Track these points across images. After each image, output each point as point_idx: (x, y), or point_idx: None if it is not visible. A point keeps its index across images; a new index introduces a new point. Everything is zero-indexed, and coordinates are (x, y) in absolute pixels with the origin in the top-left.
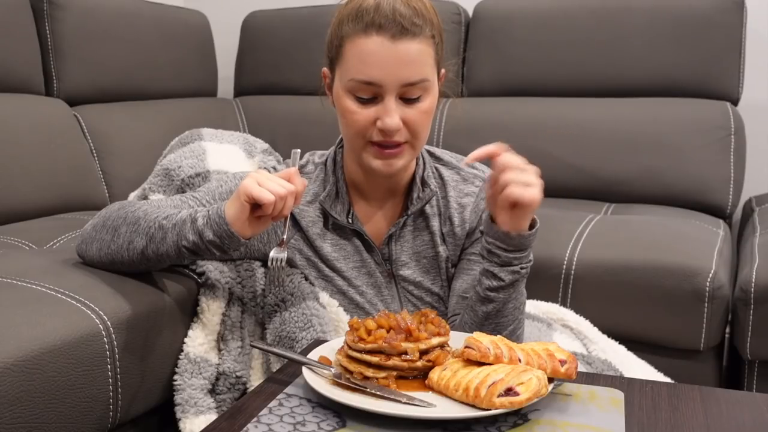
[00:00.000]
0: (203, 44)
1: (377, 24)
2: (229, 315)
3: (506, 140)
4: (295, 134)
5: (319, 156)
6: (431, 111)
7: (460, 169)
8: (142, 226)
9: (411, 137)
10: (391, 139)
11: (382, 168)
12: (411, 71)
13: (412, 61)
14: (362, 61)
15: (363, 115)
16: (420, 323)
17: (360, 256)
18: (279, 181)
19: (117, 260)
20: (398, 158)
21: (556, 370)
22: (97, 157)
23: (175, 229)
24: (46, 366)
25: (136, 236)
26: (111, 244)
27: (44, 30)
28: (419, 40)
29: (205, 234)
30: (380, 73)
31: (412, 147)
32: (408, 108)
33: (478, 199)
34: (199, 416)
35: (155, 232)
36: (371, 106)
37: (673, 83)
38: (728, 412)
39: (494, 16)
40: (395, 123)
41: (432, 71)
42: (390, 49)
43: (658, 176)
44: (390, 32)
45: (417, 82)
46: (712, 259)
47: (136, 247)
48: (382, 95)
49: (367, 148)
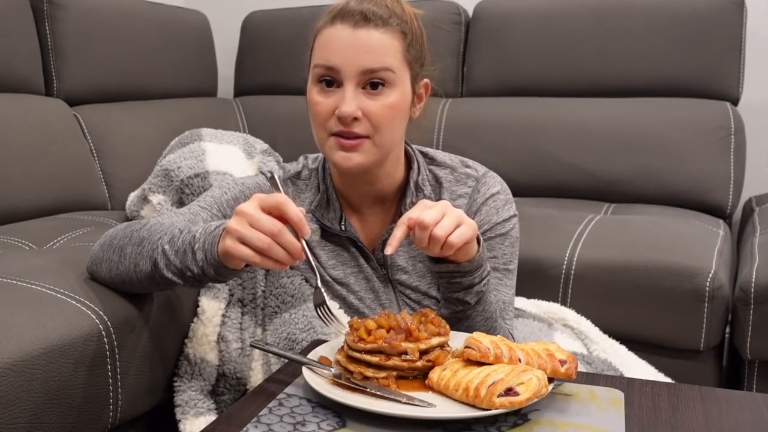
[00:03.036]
0: (203, 44)
1: (342, 14)
2: (229, 316)
3: (506, 140)
4: (295, 134)
5: (312, 160)
6: (398, 108)
7: (455, 169)
8: (146, 248)
9: (373, 131)
10: (348, 129)
11: (341, 161)
12: (370, 58)
13: (372, 49)
14: (324, 47)
15: (324, 105)
16: (420, 323)
17: (356, 262)
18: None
19: (127, 281)
20: (358, 152)
21: (556, 370)
22: (97, 157)
23: (177, 256)
24: (46, 366)
25: (140, 258)
26: (119, 265)
27: (44, 30)
28: (383, 31)
29: (206, 269)
30: (339, 57)
31: (374, 144)
32: (369, 99)
33: (470, 201)
34: (199, 417)
35: (159, 258)
36: (332, 95)
37: (673, 83)
38: (728, 412)
39: (494, 16)
40: (351, 109)
41: (399, 65)
42: (350, 35)
43: (658, 176)
44: (352, 20)
45: (376, 69)
46: (712, 259)
47: (142, 270)
48: (341, 82)
49: (329, 141)
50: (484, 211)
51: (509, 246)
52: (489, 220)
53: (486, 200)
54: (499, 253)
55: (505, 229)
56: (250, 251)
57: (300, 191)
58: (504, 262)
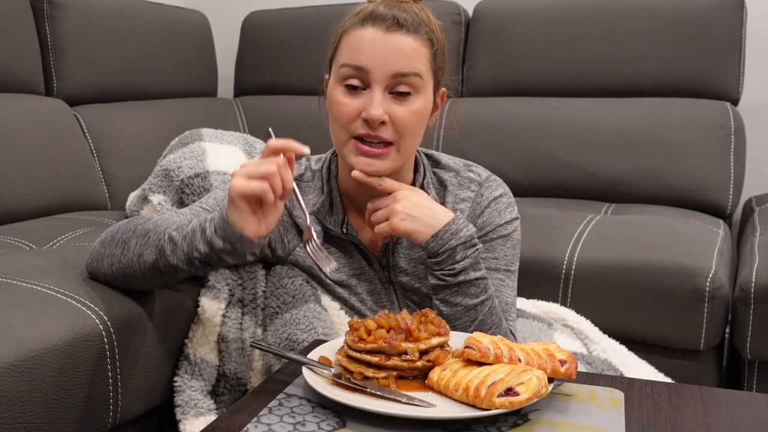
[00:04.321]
0: (203, 44)
1: (373, 17)
2: (229, 316)
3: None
4: (295, 134)
5: (315, 162)
6: (422, 115)
7: (458, 173)
8: (152, 238)
9: (397, 137)
10: (374, 132)
11: (363, 166)
12: (401, 62)
13: (404, 53)
14: (354, 48)
15: (349, 106)
16: (420, 323)
17: (358, 265)
18: (263, 164)
19: (129, 274)
20: (381, 160)
21: (556, 370)
22: (97, 157)
23: (185, 240)
24: (46, 366)
25: (145, 249)
26: (122, 258)
27: (44, 30)
28: (414, 38)
29: (215, 243)
30: (370, 59)
31: (397, 150)
32: (396, 104)
33: (474, 204)
34: (199, 418)
35: (165, 245)
36: (359, 98)
37: (673, 83)
38: (728, 412)
39: (494, 16)
40: (379, 113)
41: (426, 73)
42: (382, 38)
43: (658, 176)
44: (385, 24)
45: (407, 73)
46: (712, 259)
47: (146, 260)
48: (370, 84)
49: (350, 144)
50: (486, 214)
51: (511, 248)
52: (491, 222)
53: (489, 203)
54: (501, 255)
55: (506, 231)
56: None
57: (303, 193)
58: (505, 263)
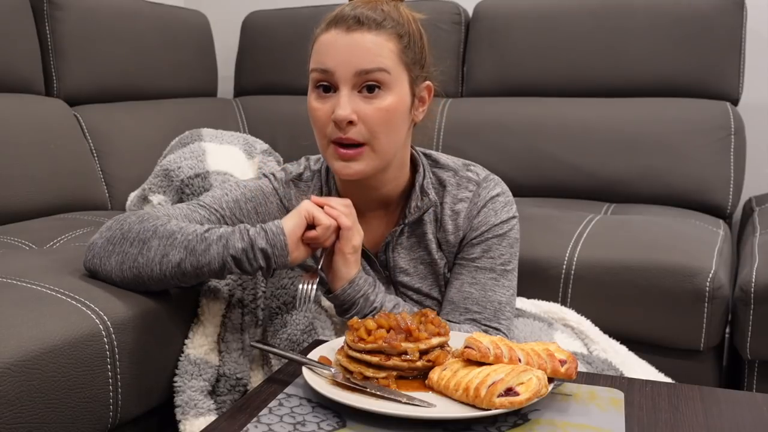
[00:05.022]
0: (203, 44)
1: (336, 20)
2: (229, 317)
3: (506, 140)
4: (295, 134)
5: (314, 161)
6: (394, 111)
7: (457, 173)
8: (179, 239)
9: (369, 136)
10: (345, 135)
11: (341, 170)
12: (363, 59)
13: (366, 50)
14: (319, 52)
15: (321, 110)
16: (420, 323)
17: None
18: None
19: (145, 275)
20: (357, 161)
21: (556, 370)
22: (97, 157)
23: (221, 240)
24: (46, 366)
25: (171, 249)
26: (139, 258)
27: (44, 30)
28: (376, 33)
29: (257, 241)
30: (333, 60)
31: (373, 150)
32: (364, 102)
33: (470, 205)
34: (199, 418)
35: (196, 245)
36: (329, 101)
37: (673, 83)
38: (728, 412)
39: (494, 16)
40: (345, 113)
41: (394, 67)
42: (344, 38)
43: (658, 176)
44: (346, 24)
45: (371, 69)
46: (712, 259)
47: (171, 261)
48: (337, 85)
49: (330, 149)
50: (483, 214)
51: (507, 246)
52: (487, 221)
53: (486, 203)
54: (497, 254)
55: (502, 230)
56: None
57: (302, 193)
58: (501, 262)
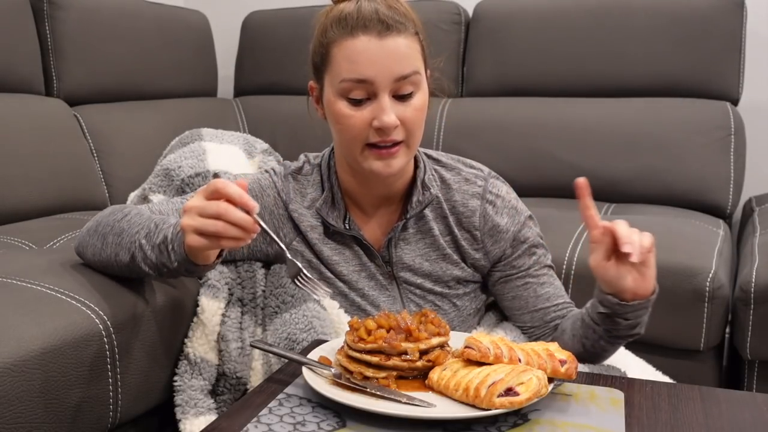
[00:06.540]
0: (203, 44)
1: (362, 25)
2: (229, 316)
3: (506, 140)
4: (295, 134)
5: (313, 158)
6: (424, 108)
7: (460, 171)
8: (125, 240)
9: (407, 136)
10: (388, 138)
11: (382, 170)
12: (402, 64)
13: (402, 55)
14: (352, 60)
15: (358, 117)
16: (420, 323)
17: (360, 260)
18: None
19: (109, 268)
20: (396, 158)
21: (556, 370)
22: (97, 157)
23: (154, 251)
24: (46, 366)
25: (120, 249)
26: (101, 252)
27: (44, 30)
28: (405, 36)
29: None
30: (371, 69)
31: (407, 146)
32: (402, 106)
33: (483, 202)
34: (199, 417)
35: (136, 251)
36: (365, 107)
37: (673, 83)
38: (728, 412)
39: (494, 16)
40: (392, 120)
41: (422, 66)
42: (378, 45)
43: (658, 176)
44: (375, 30)
45: (409, 74)
46: (712, 259)
47: (122, 260)
48: (375, 93)
49: (365, 152)
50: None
51: (535, 236)
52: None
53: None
54: (539, 251)
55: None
56: (207, 240)
57: (302, 186)
58: (543, 252)
